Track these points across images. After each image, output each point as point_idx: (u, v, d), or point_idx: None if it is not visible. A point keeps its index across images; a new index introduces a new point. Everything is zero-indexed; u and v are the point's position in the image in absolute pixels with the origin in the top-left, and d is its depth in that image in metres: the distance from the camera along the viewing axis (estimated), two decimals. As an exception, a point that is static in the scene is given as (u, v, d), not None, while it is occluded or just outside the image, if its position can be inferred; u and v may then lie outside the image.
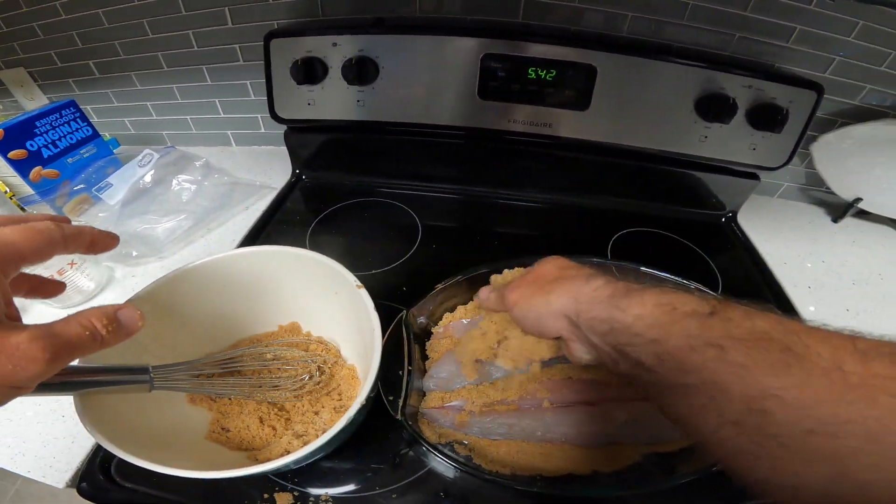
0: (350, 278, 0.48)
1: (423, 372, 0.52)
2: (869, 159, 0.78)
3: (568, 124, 0.71)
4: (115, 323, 0.31)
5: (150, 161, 0.82)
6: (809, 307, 0.70)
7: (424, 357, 0.55)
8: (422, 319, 0.57)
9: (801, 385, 0.24)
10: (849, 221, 0.88)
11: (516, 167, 0.80)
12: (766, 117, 0.67)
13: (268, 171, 0.87)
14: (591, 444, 0.47)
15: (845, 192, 0.84)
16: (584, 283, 0.37)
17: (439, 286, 0.57)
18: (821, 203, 0.91)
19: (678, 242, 0.78)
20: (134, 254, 0.72)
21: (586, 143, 0.73)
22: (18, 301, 0.30)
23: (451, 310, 0.59)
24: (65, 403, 0.53)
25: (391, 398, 0.45)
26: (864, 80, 0.72)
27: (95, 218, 0.77)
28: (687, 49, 0.69)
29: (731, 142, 0.71)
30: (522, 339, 0.48)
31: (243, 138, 0.92)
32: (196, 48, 0.78)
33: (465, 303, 0.60)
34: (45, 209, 0.79)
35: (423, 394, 0.50)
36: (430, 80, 0.70)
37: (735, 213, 0.84)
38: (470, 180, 0.83)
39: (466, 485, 0.46)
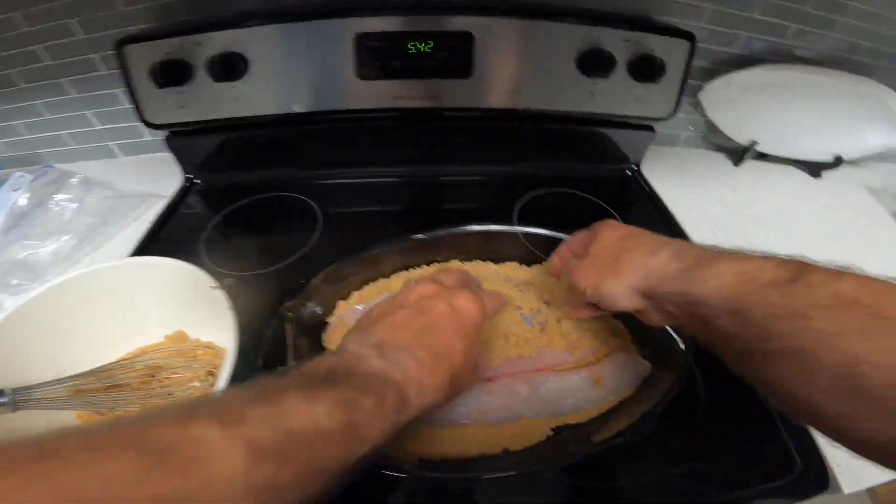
0: (206, 280, 0.47)
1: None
2: (757, 104, 0.81)
3: (454, 94, 0.70)
4: None
5: (22, 184, 0.76)
6: (713, 249, 0.71)
7: (322, 349, 0.53)
8: (318, 309, 0.55)
9: (893, 349, 0.23)
10: (750, 164, 0.90)
11: (410, 144, 0.78)
12: (645, 69, 0.67)
13: (158, 180, 0.82)
14: (497, 423, 0.46)
15: (741, 137, 0.86)
16: (650, 257, 0.36)
17: (319, 275, 0.55)
18: (722, 149, 0.93)
19: (584, 199, 0.78)
20: (14, 282, 0.67)
21: (476, 111, 0.72)
22: None
23: (346, 297, 0.57)
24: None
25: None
26: (738, 27, 0.73)
27: None
28: (564, 7, 0.68)
29: (616, 96, 0.71)
30: None
31: (128, 148, 0.87)
32: (51, 62, 0.73)
33: (358, 288, 0.58)
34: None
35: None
36: (305, 67, 0.67)
37: (639, 165, 0.85)
38: (364, 163, 0.81)
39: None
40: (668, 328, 0.50)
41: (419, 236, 0.59)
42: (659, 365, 0.50)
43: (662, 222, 0.76)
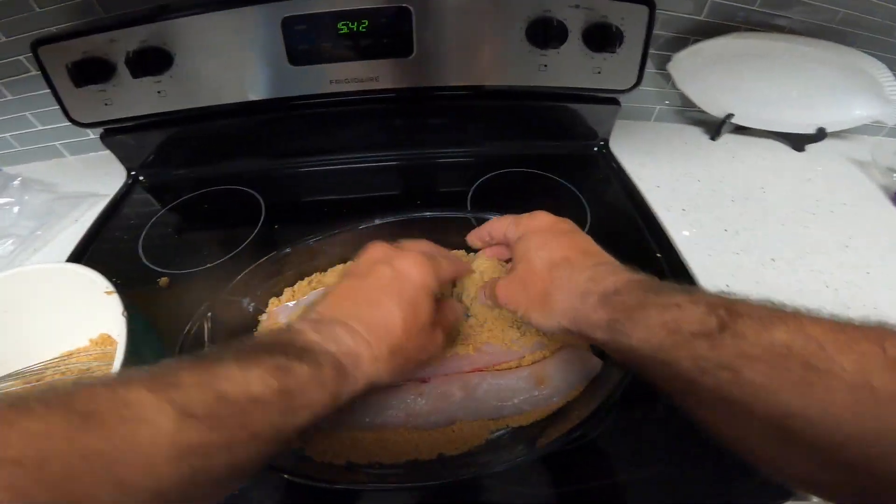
0: (103, 285, 0.45)
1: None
2: (732, 75, 0.76)
3: (395, 74, 0.66)
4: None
5: (-38, 189, 0.73)
6: (683, 232, 0.67)
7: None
8: (250, 306, 0.52)
9: (825, 403, 0.22)
10: (728, 138, 0.85)
11: (353, 129, 0.74)
12: (601, 38, 0.62)
13: (103, 178, 0.79)
14: (429, 426, 0.43)
15: (716, 110, 0.81)
16: (579, 301, 0.34)
17: (245, 270, 0.51)
18: (698, 123, 0.88)
19: (545, 178, 0.74)
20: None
21: (420, 90, 0.68)
22: None
23: (279, 293, 0.54)
24: None
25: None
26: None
27: None
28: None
29: (572, 68, 0.66)
30: None
31: (75, 147, 0.84)
32: (-22, 66, 0.70)
33: (291, 284, 0.55)
34: None
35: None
36: (233, 56, 0.63)
37: (606, 142, 0.80)
38: (307, 152, 0.77)
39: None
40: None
41: (353, 227, 0.55)
42: (610, 360, 0.46)
43: (628, 200, 0.72)
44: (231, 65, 0.64)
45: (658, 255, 0.62)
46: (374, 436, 0.43)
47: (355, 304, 0.35)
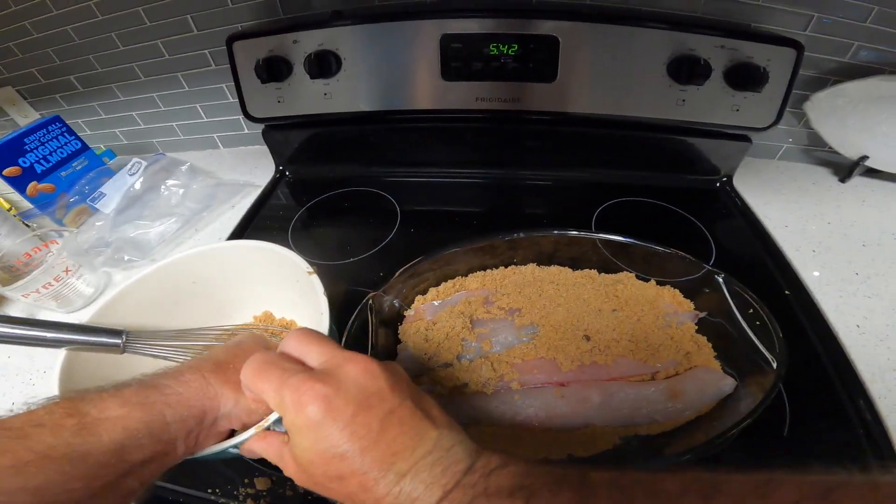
0: (302, 265, 0.49)
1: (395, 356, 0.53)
2: (870, 116, 0.74)
3: (537, 98, 0.70)
4: None
5: (138, 169, 0.84)
6: (814, 272, 0.66)
7: (397, 341, 0.54)
8: (396, 303, 0.56)
9: None
10: (857, 181, 0.82)
11: (490, 146, 0.79)
12: (745, 77, 0.63)
13: (253, 170, 0.88)
14: (564, 428, 0.46)
15: (849, 151, 0.79)
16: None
17: (401, 269, 0.56)
18: (826, 163, 0.86)
19: (668, 210, 0.75)
20: (126, 258, 0.75)
21: (558, 115, 0.71)
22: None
23: (424, 292, 0.59)
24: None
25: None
26: (850, 37, 0.68)
27: (93, 227, 0.80)
28: (652, 13, 0.66)
29: (711, 104, 0.68)
30: None
31: (229, 140, 0.94)
32: (168, 57, 0.80)
33: (436, 285, 0.59)
34: (46, 222, 0.83)
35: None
36: (393, 66, 0.69)
37: (730, 178, 0.80)
38: (445, 163, 0.82)
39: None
40: (756, 342, 0.47)
41: (498, 238, 0.59)
42: (745, 381, 0.47)
43: (755, 238, 0.71)
44: (390, 74, 0.70)
45: (787, 292, 0.62)
46: (512, 432, 0.46)
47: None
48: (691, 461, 0.40)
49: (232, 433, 0.37)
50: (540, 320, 0.52)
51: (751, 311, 0.49)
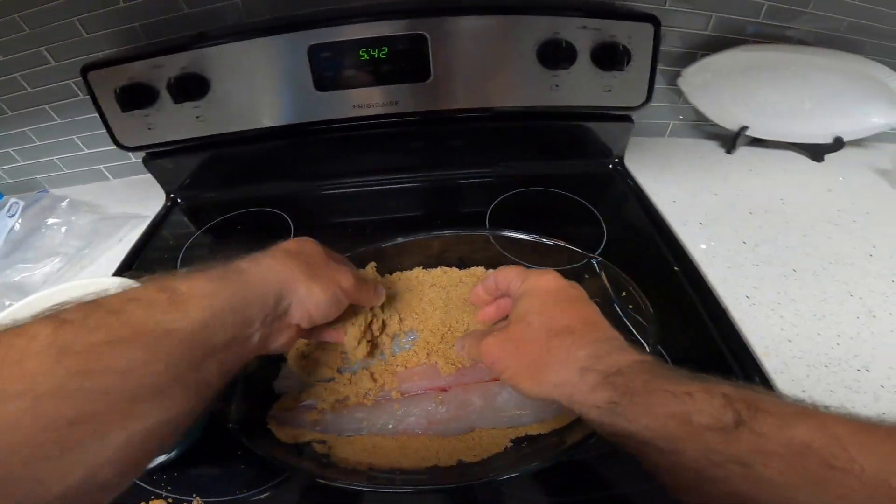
0: None
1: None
2: (742, 87, 0.77)
3: (414, 98, 0.69)
4: None
5: (17, 210, 0.79)
6: (700, 245, 0.67)
7: (283, 360, 0.52)
8: None
9: (841, 501, 0.21)
10: (743, 151, 0.85)
11: (376, 152, 0.78)
12: (609, 56, 0.65)
13: (144, 200, 0.85)
14: (450, 433, 0.45)
15: (729, 122, 0.82)
16: (576, 376, 0.32)
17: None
18: (713, 137, 0.89)
19: (561, 196, 0.76)
20: (7, 303, 0.70)
21: (438, 114, 0.71)
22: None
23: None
24: None
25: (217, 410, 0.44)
26: (708, 8, 0.70)
27: None
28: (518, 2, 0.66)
29: (583, 87, 0.69)
30: None
31: (117, 170, 0.90)
32: (30, 90, 0.76)
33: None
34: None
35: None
36: (264, 83, 0.68)
37: (621, 159, 0.82)
38: (333, 175, 0.81)
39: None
40: (629, 325, 0.48)
41: (379, 245, 0.58)
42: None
43: (644, 215, 0.73)
44: (262, 91, 0.68)
45: (675, 268, 0.63)
46: (396, 442, 0.45)
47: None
48: (586, 457, 0.41)
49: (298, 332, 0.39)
50: (419, 325, 0.51)
51: (624, 293, 0.49)
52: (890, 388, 0.48)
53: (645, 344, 0.46)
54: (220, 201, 0.81)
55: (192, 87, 0.66)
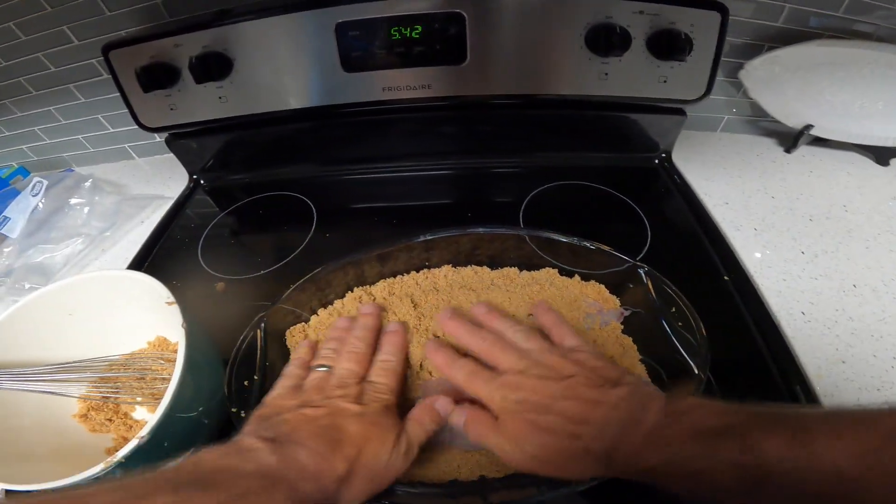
0: (163, 294, 0.45)
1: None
2: (810, 84, 0.70)
3: (448, 82, 0.64)
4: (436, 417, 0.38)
5: (41, 189, 0.78)
6: (755, 253, 0.62)
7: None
8: (302, 316, 0.52)
9: None
10: (804, 150, 0.79)
11: (405, 137, 0.74)
12: (668, 45, 0.58)
13: (168, 181, 0.83)
14: (472, 447, 0.41)
15: (792, 120, 0.75)
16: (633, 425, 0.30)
17: (296, 284, 0.51)
18: (771, 134, 0.82)
19: (602, 192, 0.71)
20: (27, 286, 0.69)
21: (473, 99, 0.66)
22: None
23: (331, 303, 0.54)
24: None
25: (234, 410, 0.41)
26: (781, -1, 0.63)
27: (1, 254, 0.74)
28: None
29: (636, 76, 0.63)
30: None
31: (143, 149, 0.89)
32: (54, 69, 0.74)
33: (341, 295, 0.54)
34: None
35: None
36: (289, 62, 0.64)
37: (669, 154, 0.76)
38: (360, 160, 0.77)
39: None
40: (677, 344, 0.43)
41: (402, 243, 0.54)
42: (670, 384, 0.43)
43: (693, 218, 0.67)
44: (287, 71, 0.65)
45: (726, 277, 0.58)
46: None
47: (313, 424, 0.34)
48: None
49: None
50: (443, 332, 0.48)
51: (673, 309, 0.45)
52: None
53: (693, 366, 0.41)
54: (243, 184, 0.79)
55: (214, 67, 0.63)
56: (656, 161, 0.76)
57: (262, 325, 0.47)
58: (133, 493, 0.24)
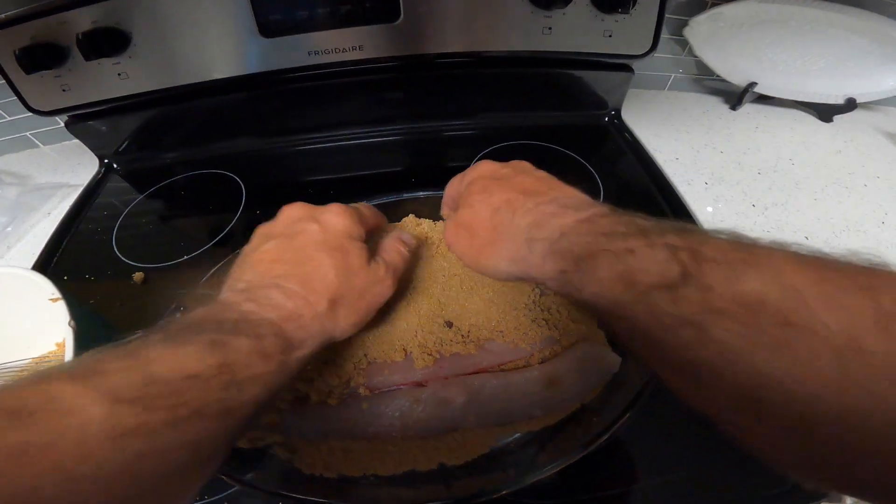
0: (47, 289, 0.41)
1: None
2: (753, 42, 0.70)
3: (382, 42, 0.59)
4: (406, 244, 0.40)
5: (-65, 186, 0.69)
6: (707, 207, 0.62)
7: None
8: None
9: (804, 369, 0.18)
10: (749, 108, 0.79)
11: (340, 104, 0.68)
12: (611, -2, 0.56)
13: (76, 168, 0.75)
14: (429, 435, 0.39)
15: (737, 78, 0.75)
16: (526, 249, 0.31)
17: (218, 265, 0.46)
18: (717, 92, 0.82)
19: (552, 150, 0.68)
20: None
21: (411, 59, 0.62)
22: None
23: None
24: None
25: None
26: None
27: None
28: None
29: (580, 30, 0.60)
30: None
31: (48, 136, 0.79)
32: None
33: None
34: None
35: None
36: (197, 31, 0.58)
37: (618, 111, 0.74)
38: (288, 130, 0.72)
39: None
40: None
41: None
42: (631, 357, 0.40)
43: (645, 173, 0.66)
44: (195, 41, 0.58)
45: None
46: (368, 446, 0.38)
47: (284, 264, 0.33)
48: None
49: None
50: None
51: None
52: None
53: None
54: (164, 165, 0.72)
55: (106, 43, 0.56)
56: (606, 119, 0.74)
57: (178, 314, 0.42)
58: (129, 346, 0.25)
